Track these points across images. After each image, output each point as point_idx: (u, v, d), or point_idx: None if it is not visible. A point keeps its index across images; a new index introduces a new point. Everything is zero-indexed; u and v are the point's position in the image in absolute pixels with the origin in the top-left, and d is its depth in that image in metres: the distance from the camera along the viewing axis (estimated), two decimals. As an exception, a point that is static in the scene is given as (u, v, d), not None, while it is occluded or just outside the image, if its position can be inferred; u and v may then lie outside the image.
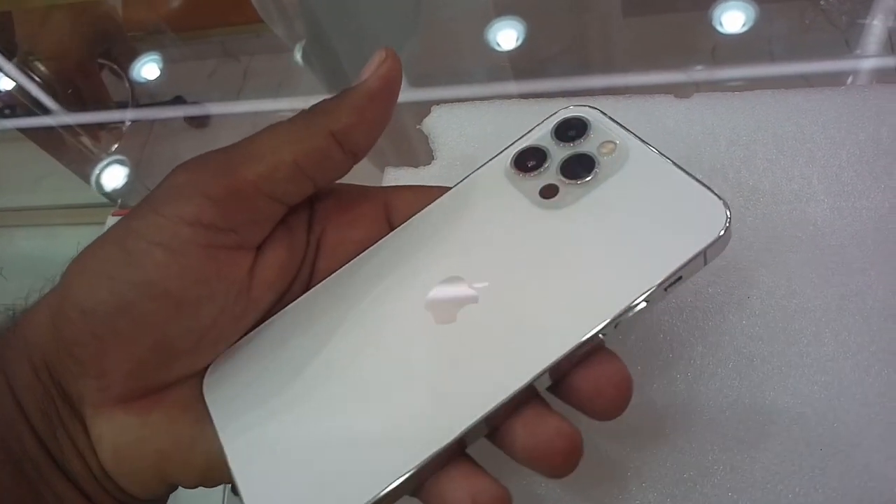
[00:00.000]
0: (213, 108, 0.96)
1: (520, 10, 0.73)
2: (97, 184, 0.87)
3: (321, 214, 0.32)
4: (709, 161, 0.42)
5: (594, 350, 0.26)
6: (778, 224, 0.39)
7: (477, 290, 0.28)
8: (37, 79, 1.05)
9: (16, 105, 0.94)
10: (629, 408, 0.36)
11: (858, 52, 0.65)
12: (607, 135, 0.30)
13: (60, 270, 0.28)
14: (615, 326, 0.26)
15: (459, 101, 0.49)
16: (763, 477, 0.34)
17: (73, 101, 0.92)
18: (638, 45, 0.74)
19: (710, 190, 0.27)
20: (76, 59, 0.88)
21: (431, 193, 0.33)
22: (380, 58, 0.30)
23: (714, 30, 0.68)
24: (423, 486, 0.26)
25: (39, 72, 1.04)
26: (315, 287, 0.31)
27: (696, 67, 0.66)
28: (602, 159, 0.30)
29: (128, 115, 0.98)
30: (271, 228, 0.30)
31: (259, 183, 0.28)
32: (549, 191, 0.30)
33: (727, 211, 0.26)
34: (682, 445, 0.35)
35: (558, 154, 0.31)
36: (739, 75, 0.65)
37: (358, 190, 0.33)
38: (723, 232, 0.26)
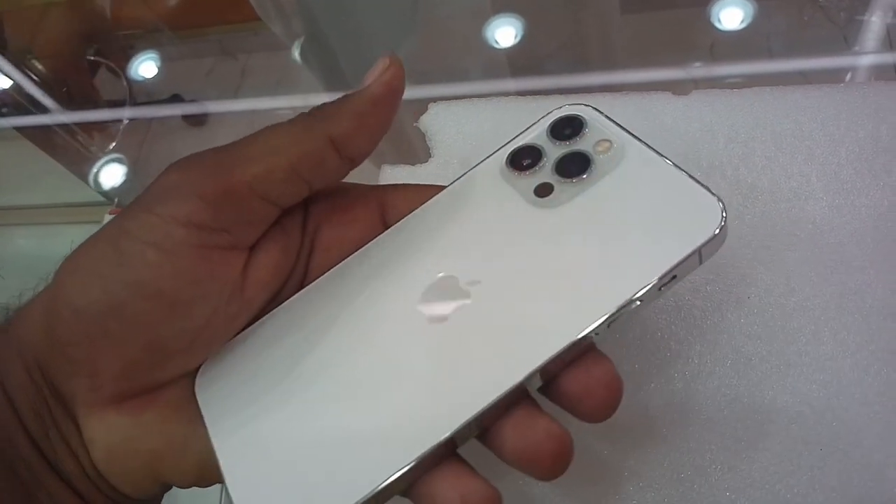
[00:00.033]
0: (211, 107, 0.96)
1: (518, 8, 0.73)
2: (95, 182, 0.87)
3: (316, 213, 0.32)
4: (707, 158, 0.41)
5: (585, 351, 0.26)
6: (776, 222, 0.39)
7: (469, 289, 0.28)
8: (34, 77, 1.05)
9: (12, 104, 0.94)
10: (626, 407, 0.36)
11: (857, 48, 0.65)
12: (603, 133, 0.30)
13: (55, 269, 0.28)
14: (608, 326, 0.26)
15: (457, 98, 0.49)
16: (761, 476, 0.33)
17: (65, 99, 0.92)
18: (636, 42, 0.73)
19: (706, 188, 0.27)
20: (64, 57, 0.88)
21: (427, 192, 0.32)
22: (383, 64, 0.30)
23: (712, 26, 0.68)
24: (414, 486, 0.26)
25: (36, 70, 1.04)
26: (308, 286, 0.31)
27: (695, 64, 0.66)
28: (597, 158, 0.30)
29: (125, 113, 0.98)
30: (265, 229, 0.30)
31: (253, 184, 0.28)
32: (544, 189, 0.30)
33: (723, 209, 0.26)
34: (679, 445, 0.35)
35: (554, 153, 0.31)
36: (738, 72, 0.65)
37: (353, 188, 0.33)
38: (718, 230, 0.26)
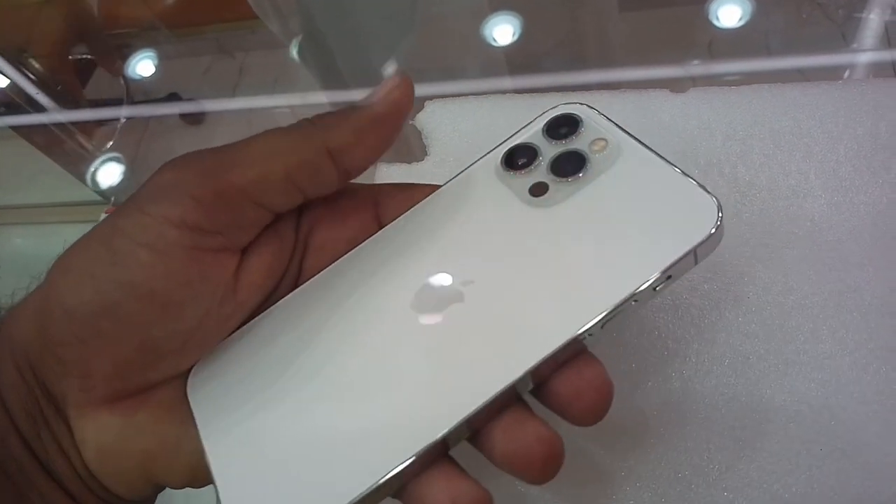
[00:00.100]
0: (209, 105, 0.95)
1: (516, 6, 0.73)
2: (92, 181, 0.87)
3: (309, 213, 0.31)
4: (705, 156, 0.41)
5: (577, 353, 0.26)
6: (775, 220, 0.39)
7: (463, 289, 0.28)
8: (30, 76, 1.05)
9: (8, 103, 0.93)
10: (624, 406, 0.36)
11: (855, 46, 0.65)
12: (599, 132, 0.30)
13: (48, 268, 0.28)
14: (602, 326, 0.25)
15: (456, 96, 0.48)
16: (759, 476, 0.33)
17: (61, 98, 0.92)
18: (634, 40, 0.73)
19: (702, 187, 0.27)
20: (50, 56, 0.88)
21: (421, 192, 0.32)
22: (393, 83, 0.29)
23: (710, 24, 0.68)
24: (405, 487, 0.25)
25: (32, 69, 1.04)
26: (301, 287, 0.31)
27: (693, 62, 0.66)
28: (593, 157, 0.29)
29: (122, 112, 0.98)
30: (258, 232, 0.29)
31: (248, 189, 0.27)
32: (539, 189, 0.30)
33: (718, 209, 0.26)
34: (677, 444, 0.35)
35: (549, 152, 0.30)
36: (736, 70, 0.65)
37: (347, 188, 0.32)
38: (714, 230, 0.25)
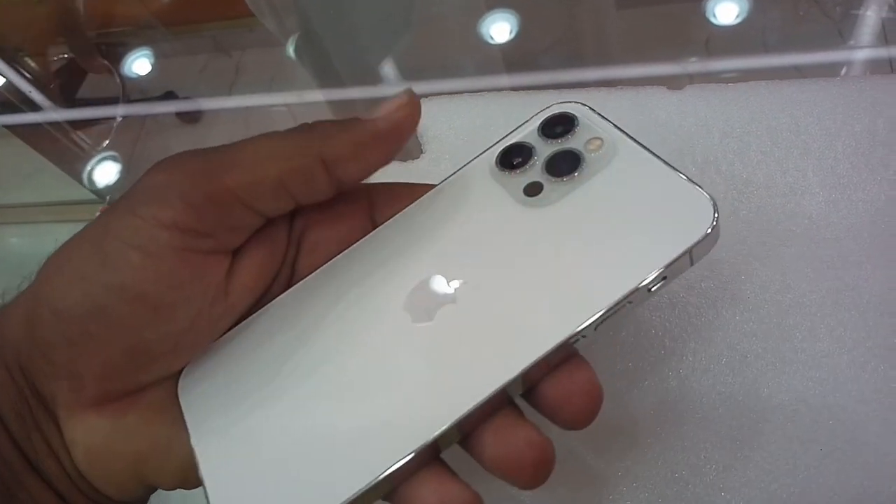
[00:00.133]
0: (205, 104, 0.95)
1: (513, 3, 0.73)
2: (89, 180, 0.87)
3: (303, 212, 0.31)
4: (702, 153, 0.41)
5: (569, 356, 0.26)
6: (772, 217, 0.38)
7: (456, 290, 0.28)
8: (26, 75, 1.04)
9: (3, 101, 0.93)
10: (620, 405, 0.36)
11: (852, 43, 0.65)
12: (594, 131, 0.30)
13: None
14: (595, 329, 0.25)
15: (451, 94, 0.48)
16: (757, 476, 0.33)
17: (57, 97, 0.92)
18: (631, 38, 0.73)
19: (698, 187, 0.26)
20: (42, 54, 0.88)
21: (416, 191, 0.32)
22: (400, 101, 0.29)
23: (708, 21, 0.68)
24: (396, 490, 0.25)
25: (28, 68, 1.03)
26: (293, 287, 0.30)
27: (690, 59, 0.66)
28: (588, 156, 0.29)
29: (119, 111, 0.98)
30: (250, 234, 0.29)
31: (239, 193, 0.27)
32: (534, 188, 0.29)
33: (714, 209, 0.26)
34: (674, 444, 0.34)
35: (544, 151, 0.30)
36: (733, 67, 0.65)
37: None
38: (710, 230, 0.25)
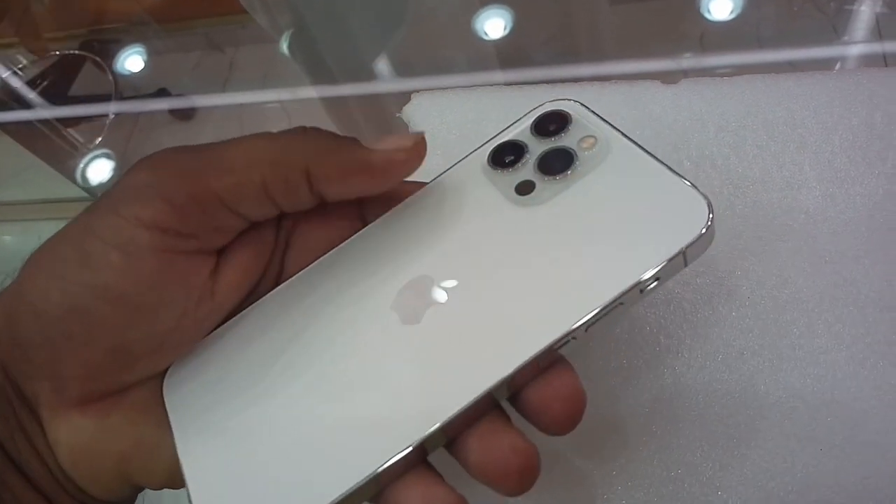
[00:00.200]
0: (198, 101, 0.95)
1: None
2: (82, 178, 0.86)
3: None
4: (697, 148, 0.41)
5: (557, 359, 0.25)
6: (768, 212, 0.38)
7: (444, 290, 0.27)
8: (18, 72, 1.04)
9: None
10: (615, 403, 0.35)
11: (846, 38, 0.65)
12: (588, 129, 0.29)
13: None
14: (586, 330, 0.25)
15: (443, 89, 0.48)
16: (754, 474, 0.33)
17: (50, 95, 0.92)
18: (626, 33, 0.73)
19: (693, 186, 0.26)
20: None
21: (406, 189, 0.31)
22: (404, 142, 0.28)
23: (702, 17, 0.68)
24: (382, 493, 0.25)
25: (20, 65, 1.03)
26: (280, 285, 0.30)
27: (685, 55, 0.66)
28: (581, 154, 0.29)
29: (111, 108, 0.97)
30: (234, 236, 0.29)
31: (223, 196, 0.27)
32: (525, 187, 0.29)
33: (709, 209, 0.25)
34: (669, 442, 0.34)
35: (537, 149, 0.30)
36: (727, 62, 0.65)
37: None
38: (704, 230, 0.25)
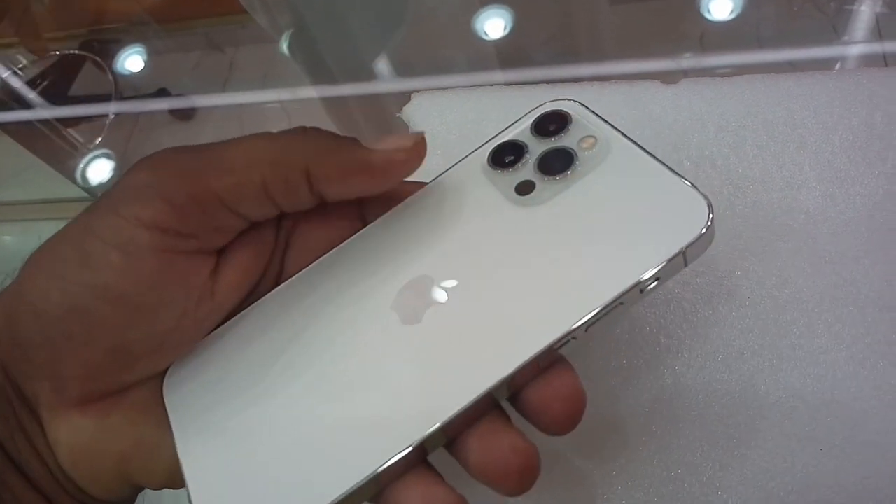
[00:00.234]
0: (199, 101, 0.95)
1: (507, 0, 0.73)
2: (82, 178, 0.86)
3: None
4: (697, 148, 0.41)
5: (557, 359, 0.25)
6: (768, 212, 0.38)
7: (444, 291, 0.27)
8: (18, 72, 1.04)
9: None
10: (615, 403, 0.35)
11: (846, 38, 0.65)
12: (588, 129, 0.29)
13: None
14: (586, 330, 0.25)
15: (443, 89, 0.48)
16: (754, 474, 0.33)
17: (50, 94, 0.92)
18: (626, 34, 0.73)
19: (693, 186, 0.26)
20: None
21: (406, 189, 0.31)
22: (404, 142, 0.28)
23: (702, 17, 0.68)
24: (382, 493, 0.25)
25: (20, 65, 1.03)
26: (281, 285, 0.30)
27: (685, 55, 0.66)
28: (581, 154, 0.29)
29: (111, 108, 0.97)
30: (235, 236, 0.28)
31: (223, 196, 0.27)
32: (525, 187, 0.29)
33: (709, 209, 0.25)
34: (669, 442, 0.34)
35: (537, 149, 0.30)
36: (727, 63, 0.65)
37: None
38: (704, 230, 0.25)
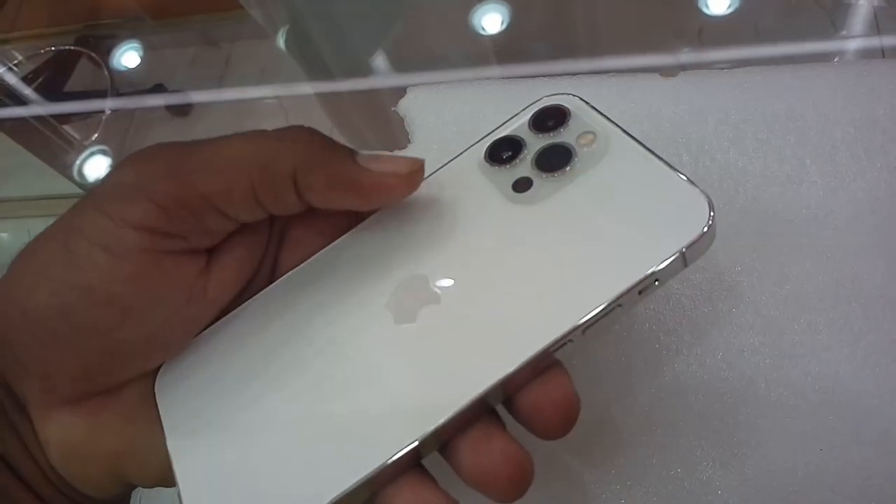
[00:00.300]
0: (195, 96, 0.95)
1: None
2: (79, 174, 0.86)
3: None
4: (696, 142, 0.40)
5: (553, 362, 0.25)
6: (769, 207, 0.38)
7: (439, 290, 0.27)
8: (13, 68, 1.04)
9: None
10: (613, 402, 0.35)
11: (844, 32, 0.65)
12: (587, 125, 0.29)
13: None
14: (583, 332, 0.24)
15: (439, 83, 0.47)
16: (754, 474, 0.33)
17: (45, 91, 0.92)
18: (624, 28, 0.73)
19: (693, 184, 0.26)
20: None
21: None
22: (398, 168, 0.27)
23: (700, 11, 0.68)
24: (376, 496, 0.25)
25: (16, 61, 1.03)
26: (274, 283, 0.30)
27: (683, 49, 0.66)
28: (580, 151, 0.28)
29: (107, 104, 0.97)
30: (224, 236, 0.28)
31: (211, 198, 0.26)
32: (523, 184, 0.28)
33: (710, 207, 0.25)
34: (669, 441, 0.34)
35: (535, 145, 0.29)
36: (726, 57, 0.65)
37: None
38: (705, 229, 0.24)
